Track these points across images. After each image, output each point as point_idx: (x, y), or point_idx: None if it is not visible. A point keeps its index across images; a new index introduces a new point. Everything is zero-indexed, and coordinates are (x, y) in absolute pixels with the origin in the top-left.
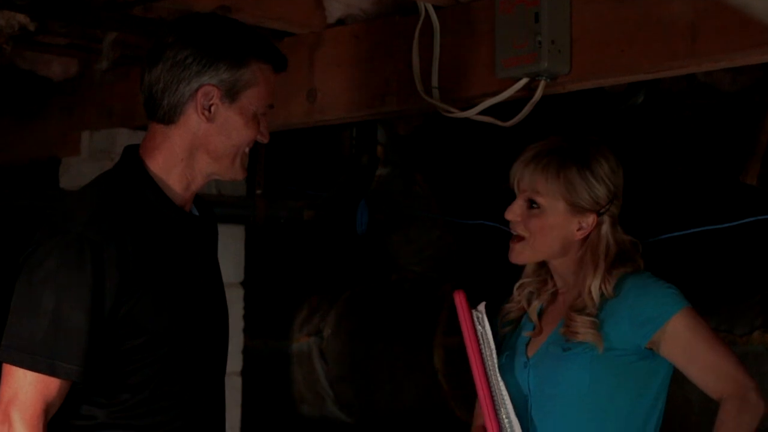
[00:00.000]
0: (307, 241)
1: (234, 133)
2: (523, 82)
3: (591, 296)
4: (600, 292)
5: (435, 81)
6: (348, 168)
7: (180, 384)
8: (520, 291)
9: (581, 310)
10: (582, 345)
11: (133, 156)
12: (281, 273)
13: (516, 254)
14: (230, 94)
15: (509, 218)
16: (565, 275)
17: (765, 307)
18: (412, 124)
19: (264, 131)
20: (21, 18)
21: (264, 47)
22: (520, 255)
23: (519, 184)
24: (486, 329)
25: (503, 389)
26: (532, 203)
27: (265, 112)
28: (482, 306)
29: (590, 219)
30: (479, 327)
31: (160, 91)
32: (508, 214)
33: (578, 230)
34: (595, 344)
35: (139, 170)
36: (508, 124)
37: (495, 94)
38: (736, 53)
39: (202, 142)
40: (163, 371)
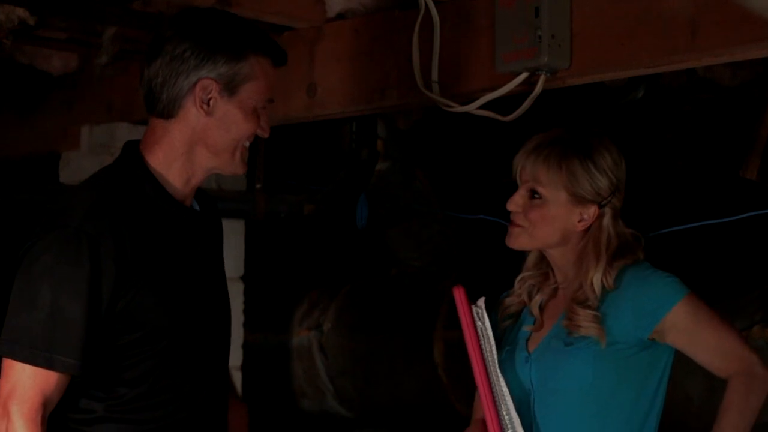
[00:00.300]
0: (307, 236)
1: (233, 127)
2: (523, 77)
3: (592, 288)
4: (601, 285)
5: (435, 75)
6: (348, 162)
7: (180, 378)
8: (521, 284)
9: (582, 302)
10: (585, 339)
11: (133, 151)
12: (281, 267)
13: (513, 238)
14: (229, 88)
15: (511, 209)
16: (566, 268)
17: (765, 302)
18: (412, 119)
19: (264, 125)
20: (21, 12)
21: (263, 41)
22: (517, 239)
23: (521, 175)
24: (486, 325)
25: (503, 385)
26: (534, 194)
27: (265, 106)
28: (482, 301)
29: (591, 210)
30: (479, 323)
31: (159, 86)
32: (510, 205)
33: (579, 221)
34: (598, 339)
35: (139, 165)
36: (508, 119)
37: (495, 89)
38: (737, 48)
39: (202, 137)
40: (162, 365)
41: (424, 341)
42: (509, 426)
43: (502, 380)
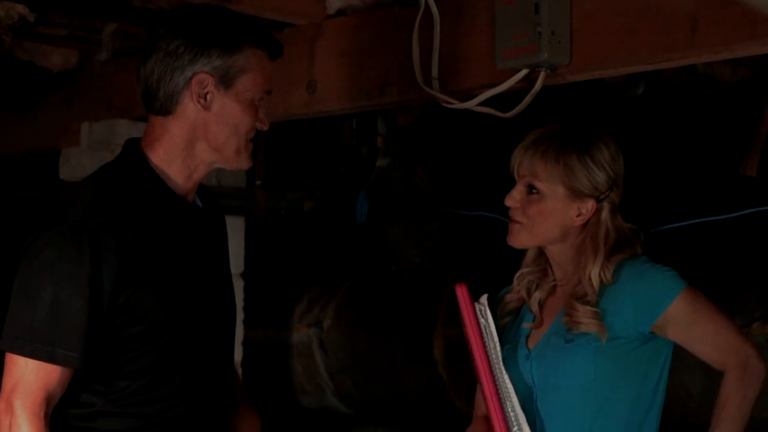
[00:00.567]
0: (307, 232)
1: (232, 120)
2: (523, 73)
3: (591, 283)
4: (599, 279)
5: (435, 72)
6: (348, 159)
7: (180, 372)
8: (520, 281)
9: (581, 298)
10: (585, 336)
11: (134, 148)
12: (281, 264)
13: (513, 236)
14: (225, 81)
15: (509, 204)
16: (564, 263)
17: (764, 299)
18: (412, 115)
19: (263, 118)
20: (20, 9)
21: (257, 33)
22: (518, 237)
23: (518, 170)
24: (489, 322)
25: (508, 382)
26: (532, 189)
27: (263, 98)
28: (484, 298)
29: (589, 205)
30: (482, 320)
31: (155, 83)
32: (508, 200)
33: (577, 216)
34: (599, 335)
35: (140, 161)
36: (508, 115)
37: (495, 85)
38: (736, 44)
39: (201, 131)
40: (163, 359)
41: (424, 338)
42: (515, 423)
43: (507, 377)
